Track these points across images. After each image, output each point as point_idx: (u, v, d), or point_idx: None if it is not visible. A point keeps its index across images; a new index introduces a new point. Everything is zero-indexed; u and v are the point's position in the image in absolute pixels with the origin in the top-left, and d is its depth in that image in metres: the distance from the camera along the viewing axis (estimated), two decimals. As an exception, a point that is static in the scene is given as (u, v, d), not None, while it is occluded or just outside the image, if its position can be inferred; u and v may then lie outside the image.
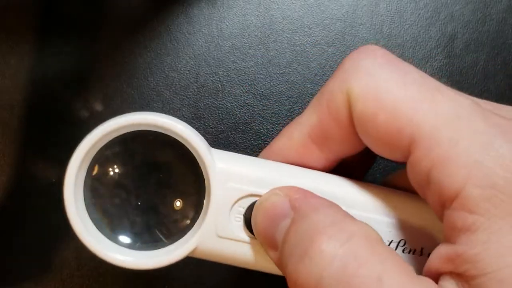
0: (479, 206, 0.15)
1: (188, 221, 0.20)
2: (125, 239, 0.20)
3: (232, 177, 0.19)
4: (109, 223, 0.20)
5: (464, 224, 0.15)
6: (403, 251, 0.19)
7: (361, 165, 0.23)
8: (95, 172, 0.20)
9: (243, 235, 0.19)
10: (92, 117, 0.27)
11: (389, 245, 0.19)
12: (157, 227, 0.20)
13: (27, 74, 0.27)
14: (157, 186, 0.20)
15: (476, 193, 0.15)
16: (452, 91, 0.17)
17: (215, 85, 0.28)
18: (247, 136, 0.28)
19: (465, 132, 0.16)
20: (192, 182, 0.20)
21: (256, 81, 0.28)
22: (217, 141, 0.27)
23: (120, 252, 0.19)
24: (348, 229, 0.16)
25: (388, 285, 0.15)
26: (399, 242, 0.19)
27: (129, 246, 0.20)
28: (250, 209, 0.19)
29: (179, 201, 0.20)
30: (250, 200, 0.19)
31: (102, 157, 0.20)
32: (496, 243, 0.15)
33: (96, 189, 0.20)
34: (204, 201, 0.19)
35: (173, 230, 0.20)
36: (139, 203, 0.20)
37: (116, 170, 0.20)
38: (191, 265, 0.26)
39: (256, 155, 0.21)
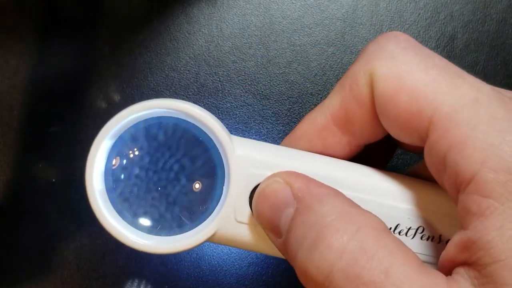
0: (493, 190, 0.15)
1: (207, 206, 0.20)
2: (145, 222, 0.20)
3: (251, 163, 0.19)
4: (129, 207, 0.20)
5: (478, 208, 0.15)
6: (421, 238, 0.20)
7: (382, 155, 0.23)
8: (115, 157, 0.20)
9: None
10: (92, 117, 0.27)
11: (407, 231, 0.19)
12: (177, 212, 0.20)
13: (27, 74, 0.27)
14: (177, 171, 0.20)
15: (491, 177, 0.15)
16: (473, 77, 0.17)
17: (215, 85, 0.28)
18: (247, 136, 0.28)
19: (483, 116, 0.16)
20: (212, 168, 0.20)
21: (256, 81, 0.28)
22: (217, 141, 0.27)
23: (140, 236, 0.20)
24: (355, 220, 0.17)
25: (395, 278, 0.15)
26: (417, 229, 0.20)
27: (149, 231, 0.20)
28: None
29: (199, 184, 0.20)
30: None
31: (122, 142, 0.20)
32: (509, 229, 0.15)
33: (117, 174, 0.20)
34: (224, 187, 0.20)
35: (193, 215, 0.20)
36: (159, 188, 0.20)
37: (137, 155, 0.20)
38: (192, 264, 0.26)
39: None
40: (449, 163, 0.16)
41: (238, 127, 0.28)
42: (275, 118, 0.28)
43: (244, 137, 0.28)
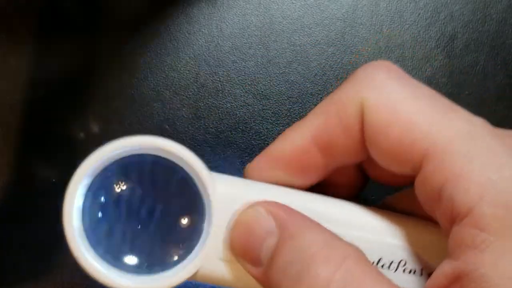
0: (490, 225, 0.15)
1: (190, 243, 0.20)
2: (125, 261, 0.20)
3: (234, 200, 0.19)
4: (108, 246, 0.20)
5: (473, 241, 0.15)
6: (403, 271, 0.20)
7: (353, 187, 0.23)
8: (94, 196, 0.20)
9: None
10: (92, 117, 0.27)
11: (389, 265, 0.19)
12: (158, 249, 0.20)
13: (27, 74, 0.27)
14: (158, 209, 0.20)
15: (488, 212, 0.15)
16: (464, 110, 0.17)
17: (215, 85, 0.28)
18: (247, 136, 0.28)
19: (479, 150, 0.16)
20: (194, 205, 0.20)
21: (256, 81, 0.28)
22: (217, 141, 0.27)
23: (121, 276, 0.19)
24: (340, 250, 0.17)
25: None
26: (399, 262, 0.20)
27: (129, 269, 0.20)
28: None
29: (180, 221, 0.20)
30: None
31: (101, 180, 0.19)
32: (504, 265, 0.15)
33: (95, 212, 0.20)
34: (205, 224, 0.19)
35: (175, 253, 0.20)
36: (139, 226, 0.20)
37: (117, 193, 0.20)
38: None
39: (256, 155, 0.21)
40: (445, 195, 0.16)
41: (238, 127, 0.28)
42: (275, 118, 0.28)
43: (244, 137, 0.28)
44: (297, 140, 0.20)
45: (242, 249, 0.18)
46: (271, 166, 0.20)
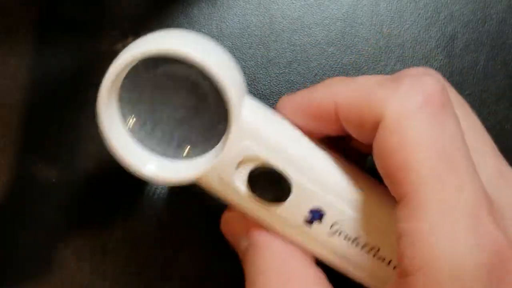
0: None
1: (209, 143, 0.21)
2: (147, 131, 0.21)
3: (251, 136, 0.20)
4: (134, 115, 0.21)
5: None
6: (354, 243, 0.21)
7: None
8: (125, 90, 0.21)
9: (241, 186, 0.21)
10: (92, 117, 0.27)
11: (354, 240, 0.21)
12: (178, 140, 0.21)
13: (27, 74, 0.27)
14: (186, 106, 0.21)
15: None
16: (469, 176, 0.18)
17: (215, 85, 0.28)
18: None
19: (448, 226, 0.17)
20: (220, 110, 0.21)
21: (256, 81, 0.28)
22: (217, 141, 0.27)
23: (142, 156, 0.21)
24: (284, 277, 0.20)
25: None
26: (348, 233, 0.21)
27: (150, 143, 0.21)
28: (255, 168, 0.21)
29: (202, 121, 0.21)
30: (258, 163, 0.20)
31: (134, 77, 0.21)
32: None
33: (127, 102, 0.21)
34: (220, 143, 0.21)
35: (195, 147, 0.21)
36: (167, 117, 0.21)
37: (147, 91, 0.21)
38: (192, 266, 0.26)
39: None
40: (401, 243, 0.18)
41: (238, 127, 0.28)
42: (275, 118, 0.28)
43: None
44: (320, 97, 0.21)
45: (229, 238, 0.23)
46: (294, 108, 0.22)
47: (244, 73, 0.28)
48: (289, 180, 0.21)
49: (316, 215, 0.21)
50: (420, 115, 0.18)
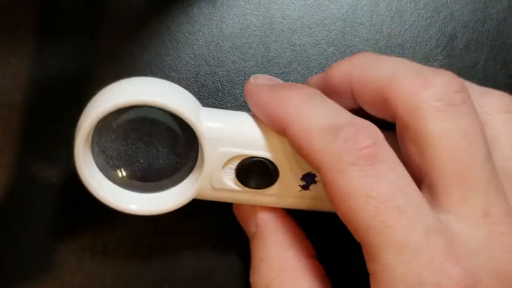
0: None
1: (187, 171, 0.23)
2: (123, 173, 0.23)
3: (222, 143, 0.22)
4: (110, 162, 0.23)
5: None
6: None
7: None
8: (99, 137, 0.22)
9: (235, 186, 0.23)
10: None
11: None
12: (157, 174, 0.23)
13: (27, 74, 0.27)
14: (156, 141, 0.23)
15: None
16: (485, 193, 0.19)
17: (215, 85, 0.28)
18: (247, 136, 0.27)
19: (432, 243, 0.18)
20: (188, 138, 0.22)
21: (256, 81, 0.28)
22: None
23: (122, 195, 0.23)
24: (280, 265, 0.22)
25: None
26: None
27: (129, 184, 0.23)
28: (239, 164, 0.22)
29: (177, 153, 0.23)
30: (240, 158, 0.22)
31: (103, 126, 0.22)
32: None
33: (101, 145, 0.23)
34: (198, 159, 0.22)
35: (172, 179, 0.23)
36: (138, 151, 0.23)
37: (119, 136, 0.23)
38: (192, 266, 0.26)
39: None
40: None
41: (238, 127, 0.28)
42: (275, 118, 0.28)
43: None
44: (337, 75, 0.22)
45: (241, 222, 0.25)
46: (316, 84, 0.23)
47: (244, 73, 0.28)
48: (271, 161, 0.22)
49: (309, 179, 0.23)
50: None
